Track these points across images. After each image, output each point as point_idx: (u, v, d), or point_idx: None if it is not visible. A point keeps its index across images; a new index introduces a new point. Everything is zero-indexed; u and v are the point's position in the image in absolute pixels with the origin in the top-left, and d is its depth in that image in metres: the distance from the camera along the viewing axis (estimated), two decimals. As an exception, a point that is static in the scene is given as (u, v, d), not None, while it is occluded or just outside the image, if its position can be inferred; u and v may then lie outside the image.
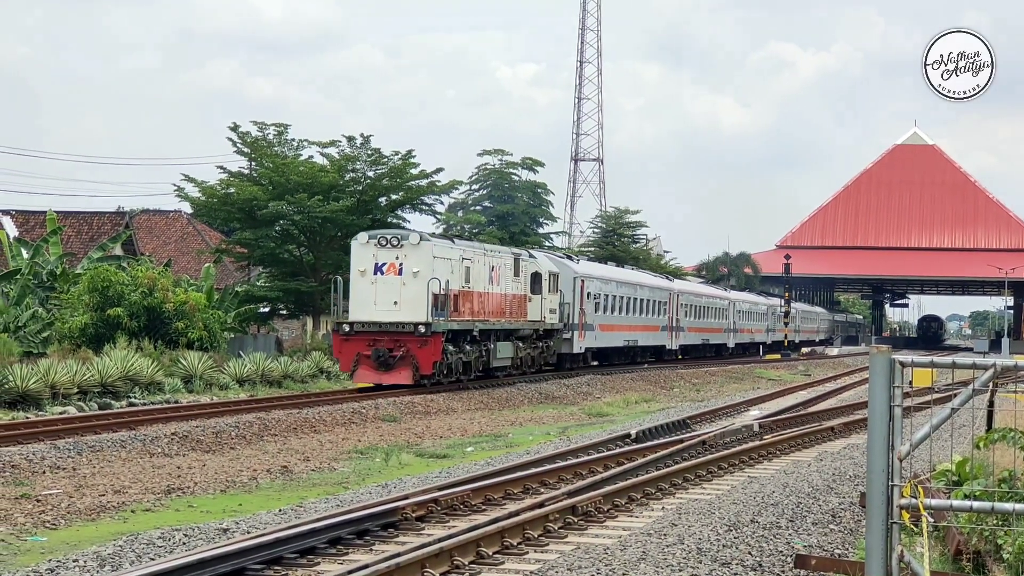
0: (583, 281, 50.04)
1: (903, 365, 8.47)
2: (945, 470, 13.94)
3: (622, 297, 55.84)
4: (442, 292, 35.98)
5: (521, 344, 43.68)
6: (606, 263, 64.14)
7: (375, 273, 36.21)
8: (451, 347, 37.12)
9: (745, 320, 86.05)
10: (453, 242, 39.36)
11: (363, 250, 36.59)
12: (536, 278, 44.47)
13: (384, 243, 36.38)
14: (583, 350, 50.94)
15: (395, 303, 35.81)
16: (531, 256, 45.82)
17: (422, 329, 35.26)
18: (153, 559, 12.59)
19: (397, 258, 36.09)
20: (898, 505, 8.42)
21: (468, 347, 38.82)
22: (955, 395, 8.59)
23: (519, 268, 43.43)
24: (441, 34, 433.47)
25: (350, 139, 56.40)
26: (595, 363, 55.14)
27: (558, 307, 46.90)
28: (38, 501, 16.69)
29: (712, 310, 75.86)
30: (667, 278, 68.60)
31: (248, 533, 13.70)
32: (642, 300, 59.31)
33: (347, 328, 35.75)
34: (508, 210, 66.47)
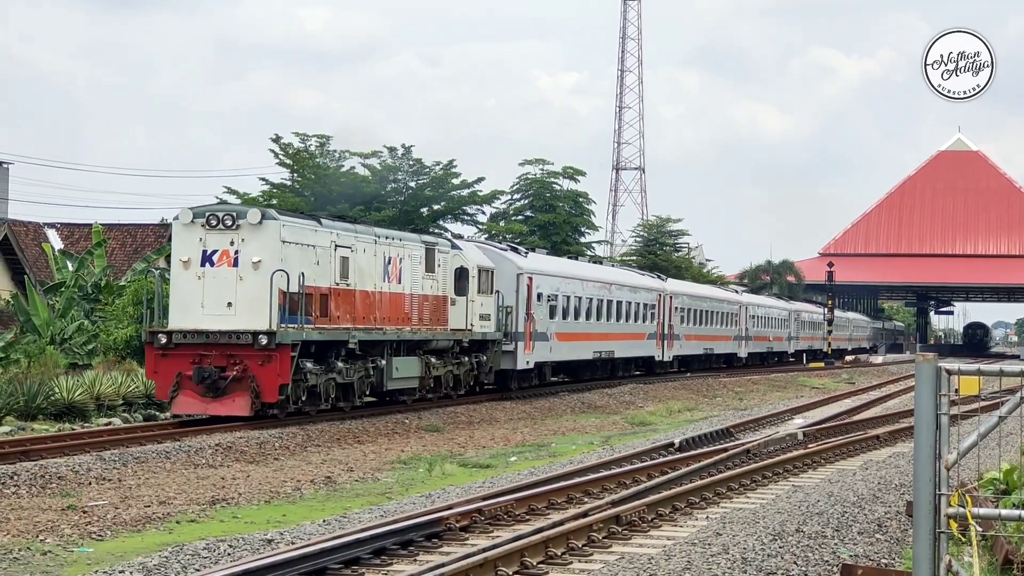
0: (531, 279, 40.63)
1: (949, 373, 8.40)
2: (993, 479, 13.82)
3: (590, 299, 46.81)
4: (298, 290, 27.19)
5: (435, 360, 34.20)
6: (577, 258, 54.65)
7: (203, 264, 27.18)
8: (311, 364, 28.06)
9: (761, 327, 77.89)
10: (320, 223, 29.17)
11: (186, 233, 27.51)
12: (461, 275, 35.35)
13: (214, 223, 27.15)
14: (531, 365, 41.16)
15: (229, 305, 26.96)
16: (454, 247, 36.09)
17: (263, 340, 26.29)
18: (198, 570, 12.63)
19: (232, 243, 27.09)
20: (945, 514, 8.35)
21: (344, 364, 29.58)
22: (1003, 403, 8.51)
23: (434, 261, 34.10)
24: (482, 43, 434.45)
25: (391, 149, 56.61)
26: (556, 379, 47.11)
27: (494, 312, 37.73)
28: (84, 512, 16.78)
29: (717, 315, 67.35)
30: (658, 277, 60.39)
31: (292, 544, 13.73)
32: (619, 303, 50.27)
33: (163, 339, 26.90)
34: (550, 219, 66.41)
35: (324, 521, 15.99)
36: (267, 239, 27.04)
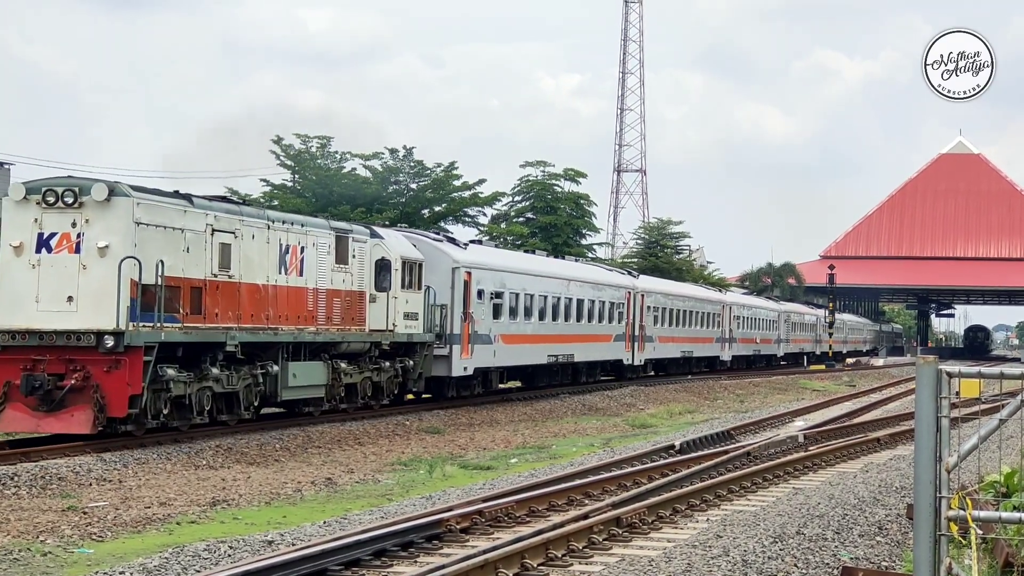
0: (470, 273, 35.97)
1: (950, 376, 8.39)
2: (993, 481, 13.84)
3: (544, 297, 42.14)
4: (156, 281, 22.76)
5: (346, 365, 29.84)
6: (535, 251, 50.94)
7: (38, 250, 22.64)
8: (175, 371, 23.49)
9: (747, 328, 73.22)
10: (191, 202, 24.54)
11: (19, 212, 22.95)
12: (383, 267, 31.03)
13: (52, 200, 22.62)
14: (469, 371, 36.47)
15: (69, 299, 22.48)
16: (374, 235, 31.57)
17: (109, 342, 22.00)
18: (199, 571, 12.63)
19: (74, 225, 22.58)
20: (946, 517, 8.34)
21: (223, 371, 25.08)
22: (1003, 406, 8.50)
23: (347, 251, 29.66)
24: (484, 44, 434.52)
25: (393, 151, 56.65)
26: (506, 385, 43.08)
27: (423, 310, 33.22)
28: (85, 513, 16.78)
29: (697, 316, 62.68)
30: (630, 273, 55.39)
31: (293, 545, 13.73)
32: (580, 301, 45.45)
33: None
34: (551, 221, 66.45)
35: (324, 522, 16.00)
36: (116, 220, 22.55)
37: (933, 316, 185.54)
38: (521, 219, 67.97)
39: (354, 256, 30.07)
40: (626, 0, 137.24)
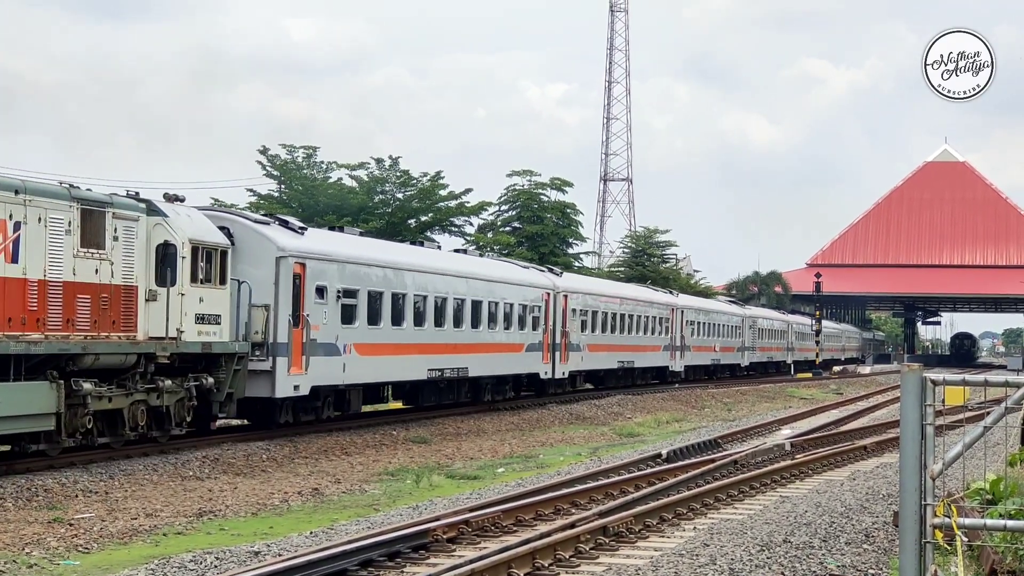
0: (304, 266, 28.03)
1: (935, 383, 8.42)
2: (979, 489, 13.85)
3: (422, 297, 34.40)
4: None
5: (93, 387, 22.06)
6: (415, 243, 41.54)
7: None
8: None
9: (703, 335, 65.99)
10: None
11: None
12: (167, 254, 23.58)
13: None
14: (301, 391, 27.95)
15: None
16: (152, 211, 23.88)
17: None
18: (185, 582, 12.61)
19: None
20: (931, 524, 8.36)
21: None
22: (988, 413, 8.52)
23: (102, 231, 22.45)
24: (470, 54, 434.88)
25: (379, 161, 56.70)
26: (376, 407, 36.07)
27: (229, 312, 25.78)
28: (71, 525, 16.74)
29: (639, 320, 54.52)
30: (550, 271, 47.24)
31: (279, 556, 13.71)
32: (476, 303, 37.83)
33: None
34: (537, 231, 66.52)
35: (311, 533, 15.98)
36: None
37: (920, 324, 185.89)
38: (508, 229, 68.03)
39: (116, 238, 22.69)
40: (612, 9, 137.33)
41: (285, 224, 29.32)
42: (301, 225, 30.17)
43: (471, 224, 62.33)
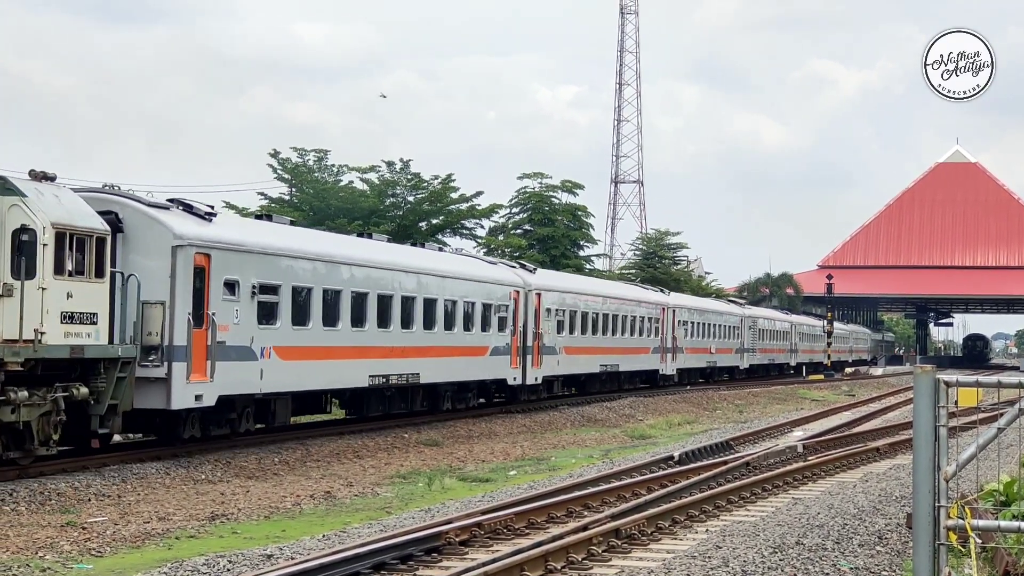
0: (208, 256, 24.62)
1: (948, 385, 8.40)
2: (993, 490, 13.82)
3: (362, 294, 30.25)
4: None
5: None
6: (371, 236, 36.18)
7: None
8: None
9: (697, 336, 61.78)
10: None
11: None
12: (24, 241, 20.16)
13: None
14: (205, 402, 24.30)
15: None
16: (8, 189, 20.41)
17: None
18: (197, 586, 12.61)
19: None
20: (945, 526, 8.34)
21: None
22: (1001, 414, 8.50)
23: None
24: (480, 57, 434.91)
25: (389, 164, 56.72)
26: (310, 419, 32.25)
27: (109, 309, 22.18)
28: (84, 529, 16.76)
29: (624, 321, 50.19)
30: (523, 267, 42.92)
31: (292, 559, 13.72)
32: (430, 301, 33.73)
33: None
34: (548, 233, 66.46)
35: (323, 536, 15.98)
36: None
37: (932, 325, 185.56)
38: (519, 231, 68.02)
39: None
40: (622, 12, 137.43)
41: (189, 209, 25.42)
42: (209, 211, 26.09)
43: (482, 227, 62.34)
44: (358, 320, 30.16)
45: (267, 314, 26.68)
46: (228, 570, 13.52)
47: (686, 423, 40.20)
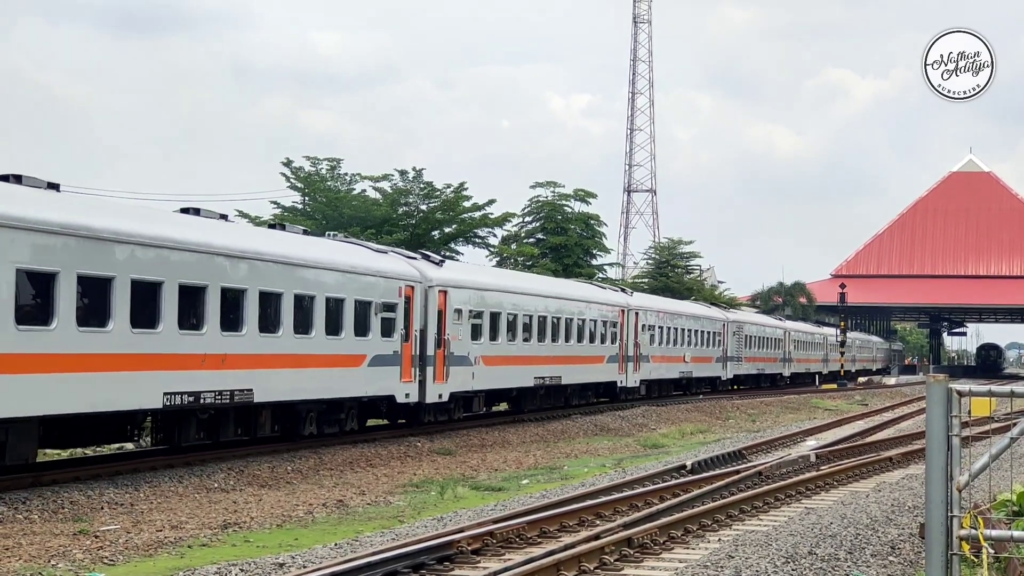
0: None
1: (960, 394, 8.38)
2: (1005, 500, 13.78)
3: (200, 288, 23.44)
4: None
5: None
6: (226, 218, 27.60)
7: None
8: None
9: (667, 344, 54.51)
10: None
11: None
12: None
13: None
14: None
15: None
16: None
17: None
18: (210, 594, 12.62)
19: None
20: (958, 536, 8.32)
21: None
22: (1014, 424, 8.49)
23: None
24: (494, 66, 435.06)
25: (403, 173, 56.76)
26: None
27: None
28: (96, 537, 16.78)
29: (575, 325, 42.99)
30: (425, 258, 35.01)
31: (304, 568, 13.72)
32: (305, 298, 26.92)
33: None
34: (561, 242, 66.48)
35: (336, 545, 15.98)
36: None
37: (945, 335, 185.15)
38: (532, 240, 68.05)
39: None
40: (635, 21, 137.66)
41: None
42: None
43: (495, 236, 62.38)
44: (196, 322, 23.48)
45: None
46: (240, 578, 13.52)
47: (699, 432, 40.16)
